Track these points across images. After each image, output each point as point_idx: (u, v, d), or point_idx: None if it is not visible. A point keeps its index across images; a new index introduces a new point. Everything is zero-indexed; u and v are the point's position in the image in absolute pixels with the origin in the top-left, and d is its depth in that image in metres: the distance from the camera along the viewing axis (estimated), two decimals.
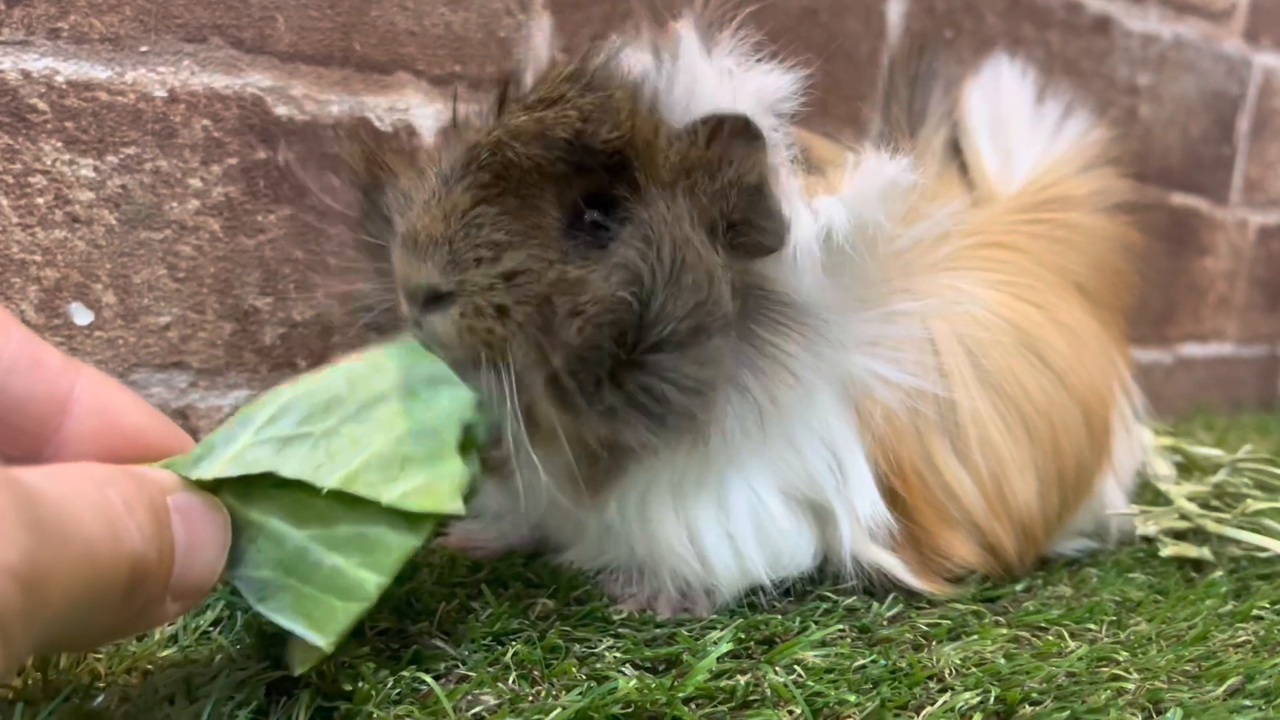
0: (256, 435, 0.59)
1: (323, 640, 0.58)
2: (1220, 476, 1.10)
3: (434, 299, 0.69)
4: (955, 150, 1.05)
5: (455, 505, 0.61)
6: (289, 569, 0.58)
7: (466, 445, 0.65)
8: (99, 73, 0.89)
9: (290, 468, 0.58)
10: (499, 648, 0.70)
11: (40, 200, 0.89)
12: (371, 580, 0.58)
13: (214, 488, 0.58)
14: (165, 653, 0.69)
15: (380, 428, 0.62)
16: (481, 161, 0.69)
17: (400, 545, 0.60)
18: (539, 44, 1.10)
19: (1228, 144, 1.91)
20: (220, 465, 0.58)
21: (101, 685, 0.63)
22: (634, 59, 0.72)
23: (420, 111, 1.05)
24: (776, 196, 0.72)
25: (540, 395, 0.70)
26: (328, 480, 0.58)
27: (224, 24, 0.93)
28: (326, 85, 0.99)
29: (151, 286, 0.94)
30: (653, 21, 0.75)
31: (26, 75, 0.87)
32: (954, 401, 0.84)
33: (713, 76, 0.72)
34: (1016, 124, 1.07)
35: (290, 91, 0.98)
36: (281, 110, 0.98)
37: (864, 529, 0.81)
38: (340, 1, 0.99)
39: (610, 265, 0.69)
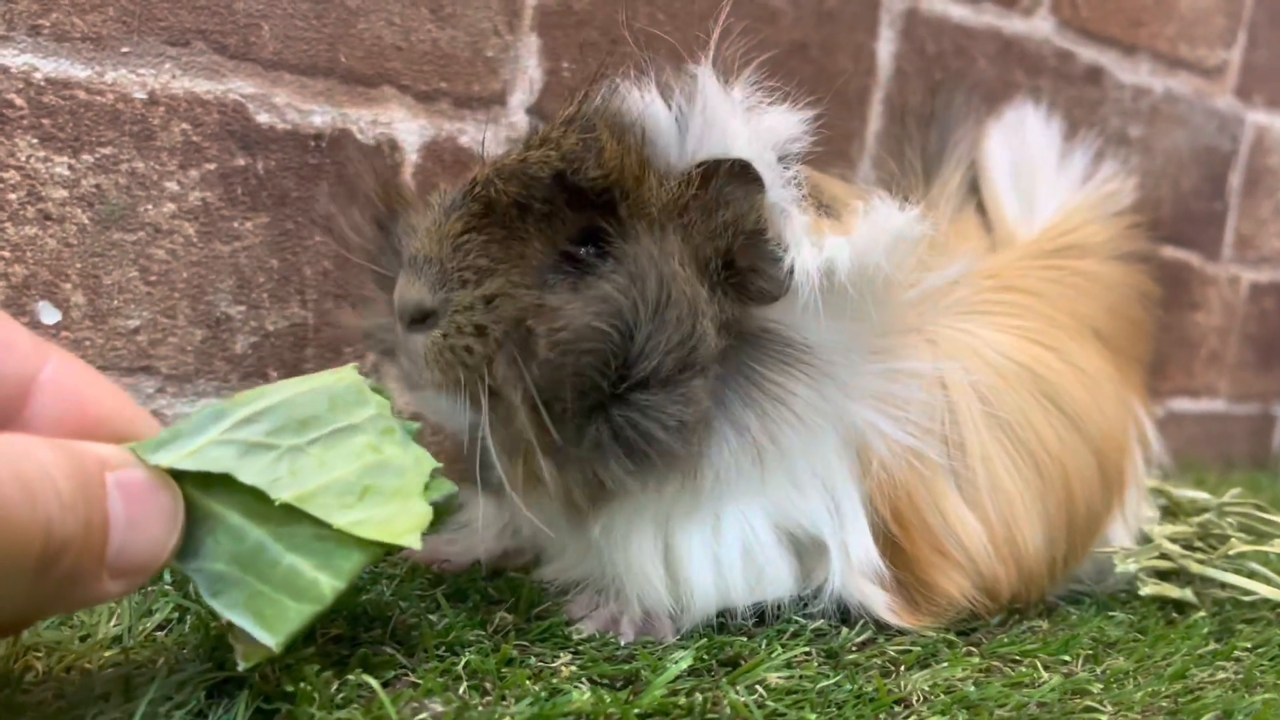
0: (225, 434, 0.59)
1: (272, 640, 0.57)
2: (1205, 518, 1.07)
3: (420, 318, 0.72)
4: (973, 191, 1.05)
5: (410, 540, 0.60)
6: (245, 564, 0.58)
7: (432, 494, 0.64)
8: (78, 71, 0.89)
9: (248, 475, 0.57)
10: (452, 657, 0.69)
11: (12, 196, 0.88)
12: (327, 584, 0.58)
13: (175, 475, 0.57)
14: (107, 653, 0.67)
15: (349, 457, 0.61)
16: (474, 194, 0.73)
17: (360, 552, 0.59)
18: (528, 64, 1.10)
19: (1219, 199, 1.91)
20: (179, 457, 0.57)
21: (34, 681, 0.61)
22: (636, 100, 0.73)
23: (404, 126, 1.04)
24: (778, 241, 0.72)
25: (519, 418, 0.70)
26: (282, 494, 0.57)
27: (208, 29, 0.93)
28: (310, 95, 0.99)
29: (122, 288, 0.92)
30: (654, 59, 0.75)
31: (5, 71, 0.86)
32: (963, 444, 0.82)
33: (734, 122, 0.72)
34: (1042, 170, 1.07)
35: (273, 100, 0.97)
36: (263, 118, 0.97)
37: (855, 568, 0.80)
38: (327, 13, 0.99)
39: (589, 297, 0.70)
